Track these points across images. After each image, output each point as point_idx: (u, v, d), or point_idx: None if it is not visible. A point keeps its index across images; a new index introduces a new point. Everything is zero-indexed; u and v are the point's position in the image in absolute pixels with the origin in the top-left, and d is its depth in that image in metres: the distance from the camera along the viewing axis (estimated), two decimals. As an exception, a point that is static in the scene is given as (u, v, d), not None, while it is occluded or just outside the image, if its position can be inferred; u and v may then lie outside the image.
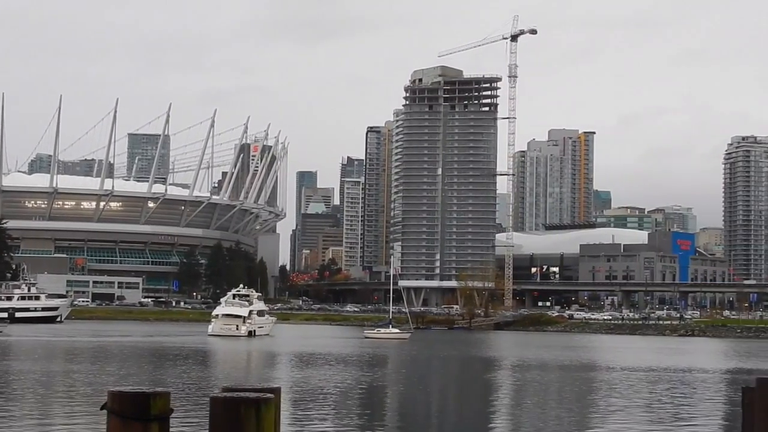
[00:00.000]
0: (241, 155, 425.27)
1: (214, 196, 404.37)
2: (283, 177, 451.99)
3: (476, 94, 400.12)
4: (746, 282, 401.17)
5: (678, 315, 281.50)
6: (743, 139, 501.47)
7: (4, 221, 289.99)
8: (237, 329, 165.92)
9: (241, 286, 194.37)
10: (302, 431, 48.33)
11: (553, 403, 69.08)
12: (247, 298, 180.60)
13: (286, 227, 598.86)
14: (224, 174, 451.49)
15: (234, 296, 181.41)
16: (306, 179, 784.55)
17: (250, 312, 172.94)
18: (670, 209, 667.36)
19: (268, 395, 11.04)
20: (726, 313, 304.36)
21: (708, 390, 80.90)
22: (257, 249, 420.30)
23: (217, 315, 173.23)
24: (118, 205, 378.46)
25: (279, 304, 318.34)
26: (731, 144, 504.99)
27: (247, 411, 10.82)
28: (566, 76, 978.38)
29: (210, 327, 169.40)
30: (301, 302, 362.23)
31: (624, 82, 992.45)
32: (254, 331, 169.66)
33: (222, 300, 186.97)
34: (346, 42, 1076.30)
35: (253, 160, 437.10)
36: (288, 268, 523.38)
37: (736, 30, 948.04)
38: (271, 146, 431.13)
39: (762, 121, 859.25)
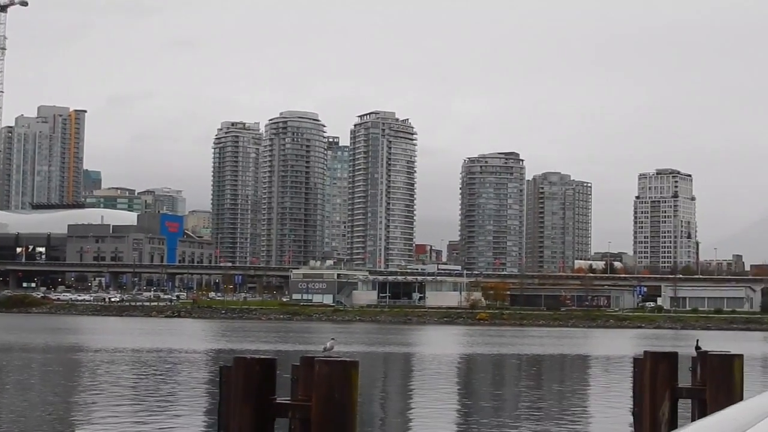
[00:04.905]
0: None
1: None
2: None
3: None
4: (231, 264, 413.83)
5: (170, 296, 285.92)
6: (233, 125, 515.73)
7: None
8: None
9: None
10: None
11: (34, 386, 66.90)
12: None
13: None
14: None
15: None
16: None
17: None
18: (160, 191, 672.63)
19: None
20: (212, 294, 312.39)
21: (189, 369, 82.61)
22: None
23: None
24: None
25: None
26: (221, 129, 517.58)
27: None
28: (57, 53, 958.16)
29: None
30: None
31: (115, 64, 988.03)
32: None
33: None
34: None
35: None
36: None
37: (225, 20, 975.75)
38: None
39: (250, 108, 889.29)
